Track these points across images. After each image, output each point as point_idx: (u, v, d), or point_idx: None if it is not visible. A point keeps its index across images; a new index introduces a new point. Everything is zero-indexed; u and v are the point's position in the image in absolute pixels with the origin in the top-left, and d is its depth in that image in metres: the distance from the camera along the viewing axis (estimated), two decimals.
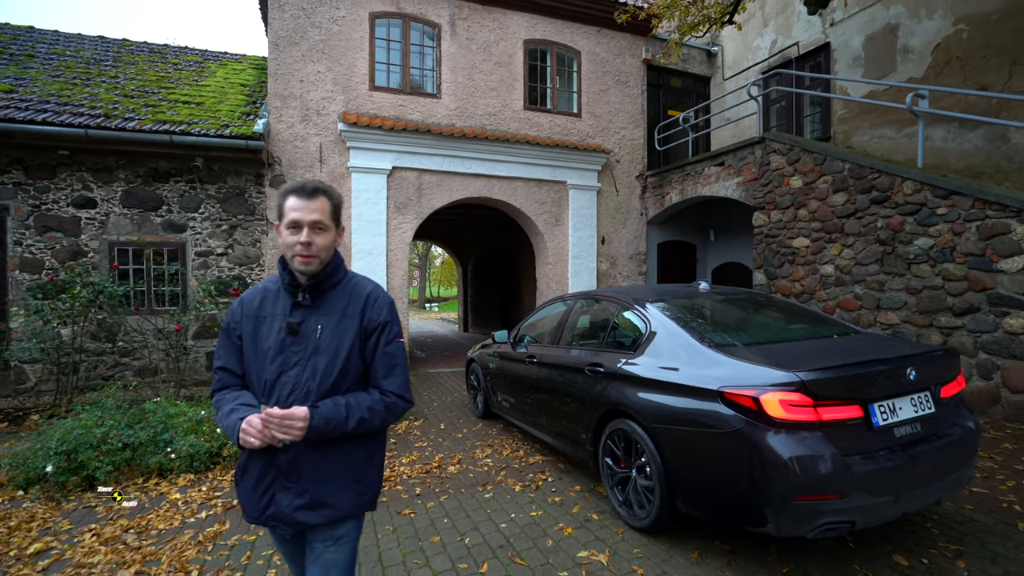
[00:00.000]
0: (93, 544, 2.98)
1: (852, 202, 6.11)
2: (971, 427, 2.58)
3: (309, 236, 1.42)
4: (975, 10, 6.49)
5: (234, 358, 1.52)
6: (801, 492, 2.14)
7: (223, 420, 1.41)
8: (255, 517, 1.48)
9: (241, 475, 1.49)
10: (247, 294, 1.56)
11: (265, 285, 1.57)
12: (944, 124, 6.66)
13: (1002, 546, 2.60)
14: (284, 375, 1.45)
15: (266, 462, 1.44)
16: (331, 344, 1.47)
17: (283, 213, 1.46)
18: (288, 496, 1.44)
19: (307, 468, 1.44)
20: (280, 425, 1.32)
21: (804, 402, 2.21)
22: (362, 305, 1.52)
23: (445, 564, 2.66)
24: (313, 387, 1.44)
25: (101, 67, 8.09)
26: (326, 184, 1.49)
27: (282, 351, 1.46)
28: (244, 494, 1.49)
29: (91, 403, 4.60)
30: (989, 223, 4.91)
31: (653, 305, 3.24)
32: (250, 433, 1.32)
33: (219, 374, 1.52)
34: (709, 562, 2.58)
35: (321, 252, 1.45)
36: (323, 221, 1.45)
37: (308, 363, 1.45)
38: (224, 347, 1.54)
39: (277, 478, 1.44)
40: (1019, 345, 4.68)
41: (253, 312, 1.52)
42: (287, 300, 1.50)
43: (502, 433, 5.01)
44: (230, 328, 1.54)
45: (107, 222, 6.73)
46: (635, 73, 9.87)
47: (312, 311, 1.49)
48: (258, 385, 1.48)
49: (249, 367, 1.50)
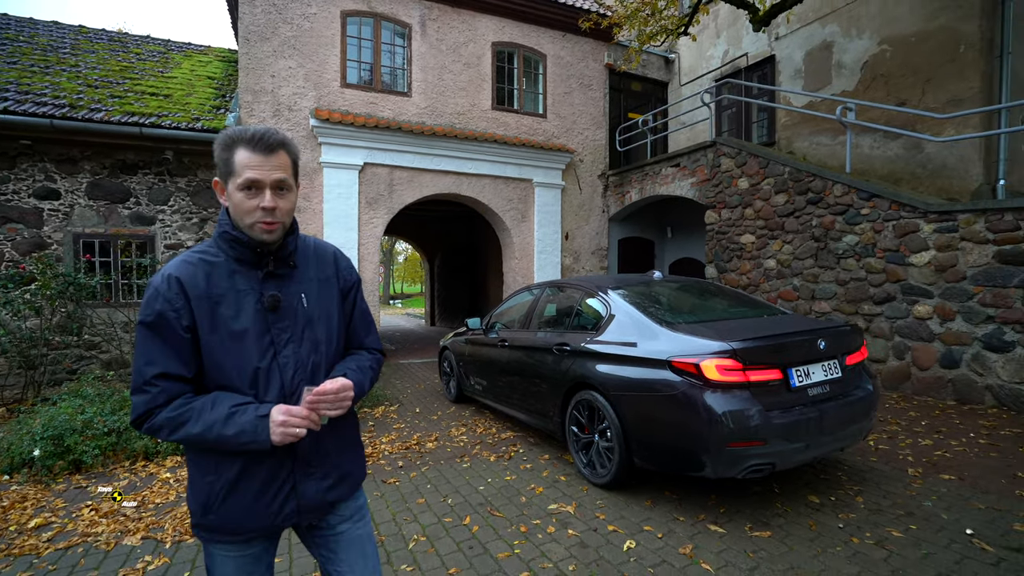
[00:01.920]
0: (93, 518, 3.15)
1: (791, 202, 6.76)
2: (870, 389, 3.13)
3: (273, 200, 1.19)
4: (896, 32, 7.27)
5: (178, 359, 1.17)
6: (732, 440, 2.60)
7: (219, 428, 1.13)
8: (266, 526, 1.26)
9: (228, 491, 1.22)
10: (179, 270, 1.20)
11: (199, 258, 1.23)
12: (871, 134, 7.42)
13: (894, 487, 3.17)
14: (280, 356, 1.24)
15: (280, 457, 1.24)
16: (322, 312, 1.33)
17: (232, 169, 1.17)
18: (314, 481, 1.30)
19: (331, 446, 1.33)
20: (335, 400, 1.20)
21: (735, 367, 2.68)
22: (333, 267, 1.40)
23: (431, 519, 3.00)
24: (319, 361, 1.31)
25: (59, 55, 7.91)
26: (283, 133, 1.24)
27: (267, 330, 1.23)
28: (243, 508, 1.23)
29: (69, 392, 4.67)
30: (903, 222, 5.61)
31: (613, 291, 3.67)
32: (294, 424, 1.15)
33: (159, 384, 1.15)
34: (660, 507, 3.02)
35: (284, 216, 1.23)
36: (287, 179, 1.22)
37: (304, 337, 1.28)
38: (158, 347, 1.16)
39: (296, 468, 1.27)
40: (925, 329, 5.39)
41: (202, 291, 1.19)
42: (249, 272, 1.25)
43: (475, 414, 5.37)
44: (167, 319, 1.16)
45: (71, 214, 6.65)
46: (598, 77, 10.36)
47: (287, 280, 1.29)
48: (240, 378, 1.21)
49: (217, 360, 1.20)
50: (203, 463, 1.24)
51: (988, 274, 4.94)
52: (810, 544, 2.55)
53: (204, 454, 1.24)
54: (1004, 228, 4.85)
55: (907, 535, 2.59)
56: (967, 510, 2.84)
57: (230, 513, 1.22)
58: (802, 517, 2.82)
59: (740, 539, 2.61)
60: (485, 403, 5.19)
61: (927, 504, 2.92)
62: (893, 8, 7.31)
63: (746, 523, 2.78)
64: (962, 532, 2.60)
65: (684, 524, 2.80)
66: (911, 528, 2.66)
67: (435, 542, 2.73)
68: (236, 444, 1.15)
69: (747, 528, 2.72)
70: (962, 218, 5.14)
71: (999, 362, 4.85)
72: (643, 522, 2.84)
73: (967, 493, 3.06)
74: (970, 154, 6.51)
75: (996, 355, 4.87)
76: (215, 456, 1.22)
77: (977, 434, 4.11)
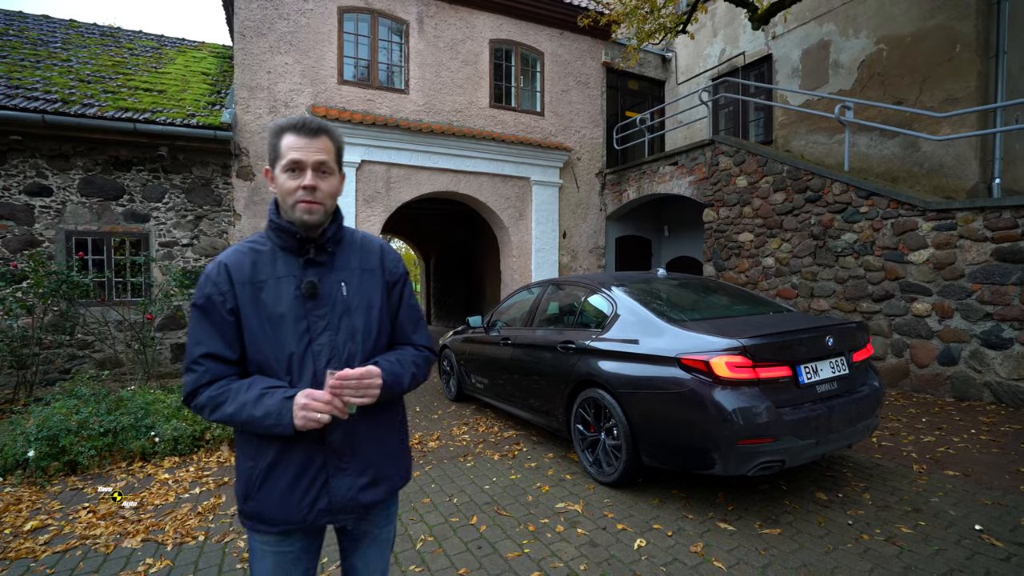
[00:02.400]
0: (90, 520, 3.08)
1: (790, 201, 6.78)
2: (876, 385, 3.13)
3: (314, 179, 1.23)
4: (893, 32, 7.31)
5: (223, 340, 1.23)
6: (742, 437, 2.58)
7: (249, 409, 1.17)
8: (299, 520, 1.24)
9: (264, 477, 1.23)
10: (229, 259, 1.27)
11: (249, 247, 1.29)
12: (867, 133, 7.47)
13: (899, 483, 3.18)
14: (315, 343, 1.25)
15: (311, 447, 1.24)
16: (361, 302, 1.32)
17: (279, 153, 1.24)
18: (347, 478, 1.27)
19: (365, 441, 1.30)
20: (358, 387, 1.18)
21: (745, 364, 2.66)
22: (379, 258, 1.39)
23: (438, 519, 2.97)
24: (355, 350, 1.29)
25: (50, 49, 7.77)
26: (326, 122, 1.29)
27: (304, 316, 1.25)
28: (276, 497, 1.23)
29: (63, 392, 4.59)
30: (901, 220, 5.64)
31: (618, 288, 3.65)
32: (315, 408, 1.14)
33: (204, 363, 1.21)
34: (668, 506, 3.01)
35: (326, 199, 1.26)
36: (328, 162, 1.26)
37: (341, 325, 1.28)
38: (206, 329, 1.23)
39: (328, 462, 1.25)
40: (924, 326, 5.43)
41: (247, 278, 1.24)
42: (291, 259, 1.28)
43: (476, 413, 5.33)
44: (214, 303, 1.23)
45: (64, 211, 6.54)
46: (595, 75, 10.34)
47: (328, 268, 1.31)
48: (278, 362, 1.24)
49: (258, 344, 1.24)
50: (246, 447, 1.28)
51: (986, 272, 4.97)
52: (820, 541, 2.54)
53: (247, 438, 1.27)
54: (1002, 226, 4.88)
55: (916, 531, 2.59)
56: (974, 506, 2.85)
57: (265, 501, 1.24)
58: (811, 514, 2.82)
59: (750, 537, 2.60)
60: (486, 402, 5.15)
61: (934, 500, 2.93)
62: (889, 8, 7.35)
63: (755, 520, 2.77)
64: (971, 528, 2.60)
65: (693, 522, 2.79)
66: (920, 524, 2.66)
67: (443, 542, 2.70)
68: (263, 427, 1.17)
69: (757, 526, 2.71)
70: (960, 216, 5.18)
71: (997, 359, 4.89)
72: (652, 520, 2.83)
73: (972, 489, 3.07)
74: (966, 153, 6.56)
75: (994, 352, 4.90)
76: (255, 441, 1.25)
77: (978, 430, 4.14)
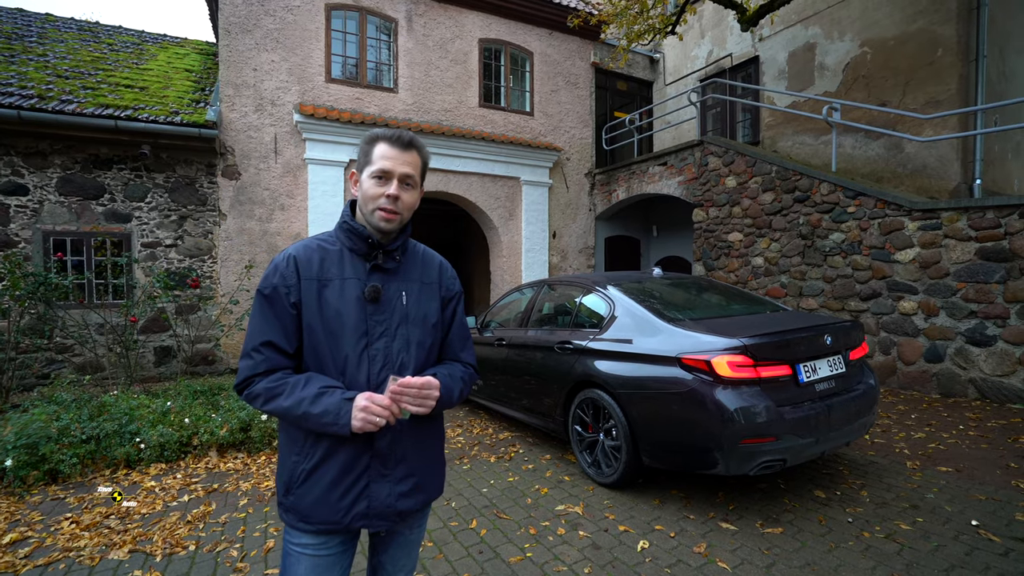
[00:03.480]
0: (74, 531, 2.96)
1: (779, 201, 6.85)
2: (872, 383, 3.16)
3: (398, 190, 1.27)
4: (876, 35, 7.44)
5: (283, 332, 1.24)
6: (744, 436, 2.58)
7: (307, 405, 1.17)
8: (335, 521, 1.25)
9: (309, 474, 1.25)
10: (298, 252, 1.29)
11: (319, 243, 1.33)
12: (853, 134, 7.58)
13: (895, 479, 3.21)
14: (372, 347, 1.27)
15: (358, 450, 1.25)
16: (419, 313, 1.35)
17: (369, 160, 1.29)
18: (387, 484, 1.28)
19: (410, 449, 1.32)
20: (418, 396, 1.20)
21: (747, 363, 2.66)
22: (437, 273, 1.43)
23: (436, 524, 2.91)
24: (408, 360, 1.31)
25: (26, 43, 7.53)
26: (418, 138, 1.33)
27: (364, 320, 1.27)
28: (317, 495, 1.24)
29: (43, 398, 4.43)
30: (888, 220, 5.73)
31: (615, 288, 3.63)
32: (374, 412, 1.16)
33: (264, 352, 1.23)
34: (669, 506, 3.00)
35: (405, 210, 1.30)
36: (414, 176, 1.30)
37: (397, 333, 1.30)
38: (269, 319, 1.24)
39: (371, 466, 1.26)
40: (910, 324, 5.52)
41: (314, 274, 1.27)
42: (358, 262, 1.31)
43: (469, 415, 5.28)
44: (279, 293, 1.24)
45: (41, 210, 6.34)
46: (584, 75, 10.36)
47: (392, 276, 1.34)
48: (333, 362, 1.25)
49: (315, 342, 1.25)
50: (294, 441, 1.28)
51: (970, 270, 5.07)
52: (822, 539, 2.55)
53: (295, 433, 1.28)
54: (985, 226, 4.99)
55: (915, 528, 2.62)
56: (969, 501, 2.89)
57: (306, 497, 1.25)
58: (811, 512, 2.83)
59: (753, 536, 2.60)
60: (480, 403, 5.11)
61: (930, 496, 2.96)
62: (873, 11, 7.48)
63: (757, 520, 2.77)
64: (968, 523, 2.63)
65: (695, 522, 2.78)
66: (918, 521, 2.68)
67: (443, 547, 2.64)
68: (319, 424, 1.18)
69: (758, 525, 2.71)
70: (945, 216, 5.27)
71: (981, 356, 4.98)
72: (653, 521, 2.81)
73: (965, 484, 3.12)
74: (948, 154, 6.70)
75: (979, 349, 5.00)
76: (302, 436, 1.26)
77: (966, 426, 4.21)
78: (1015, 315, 4.77)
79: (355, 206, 1.36)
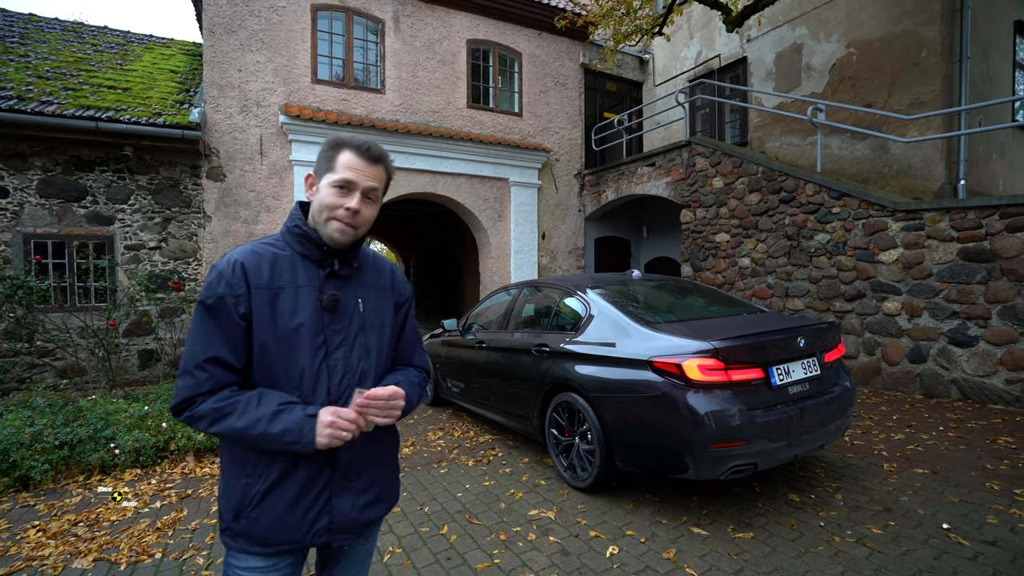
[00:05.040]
0: (40, 539, 2.92)
1: (765, 201, 6.85)
2: (848, 386, 3.14)
3: (359, 204, 1.22)
4: (862, 36, 7.45)
5: (231, 346, 1.15)
6: (715, 440, 2.56)
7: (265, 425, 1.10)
8: (296, 540, 1.19)
9: (264, 495, 1.17)
10: (245, 258, 1.20)
11: (267, 248, 1.24)
12: (839, 135, 7.59)
13: (871, 482, 3.20)
14: (331, 358, 1.22)
15: (319, 465, 1.20)
16: (376, 320, 1.32)
17: (332, 167, 1.22)
18: (350, 497, 1.25)
19: (370, 459, 1.29)
20: (385, 407, 1.17)
21: (717, 366, 2.64)
22: (390, 279, 1.40)
23: (407, 529, 2.88)
24: (368, 368, 1.27)
25: (6, 44, 7.46)
26: (385, 151, 1.29)
27: (321, 330, 1.21)
28: (276, 517, 1.17)
29: (17, 403, 4.38)
30: (872, 221, 5.73)
31: (592, 290, 3.61)
32: (341, 426, 1.12)
33: (209, 369, 1.13)
34: (642, 510, 2.97)
35: (362, 225, 1.25)
36: (378, 191, 1.26)
37: (356, 342, 1.26)
38: (214, 332, 1.14)
39: (333, 480, 1.22)
40: (894, 325, 5.52)
41: (264, 282, 1.18)
42: (311, 269, 1.25)
43: (452, 417, 5.25)
44: (226, 304, 1.14)
45: (21, 213, 6.27)
46: (573, 76, 10.34)
47: (348, 283, 1.29)
48: (287, 376, 1.18)
49: (268, 355, 1.17)
50: (242, 462, 1.20)
51: (953, 271, 5.08)
52: (793, 544, 2.53)
53: (245, 454, 1.20)
54: (967, 226, 4.99)
55: (887, 531, 2.60)
56: (942, 504, 2.88)
57: (261, 520, 1.17)
58: (784, 516, 2.81)
59: (723, 541, 2.58)
60: (463, 406, 5.08)
61: (904, 499, 2.95)
62: (859, 12, 7.49)
63: (729, 524, 2.75)
64: (939, 527, 2.62)
65: (667, 527, 2.75)
66: (890, 524, 2.67)
67: (411, 554, 2.62)
68: (279, 443, 1.12)
69: (730, 529, 2.69)
70: (928, 216, 5.28)
71: (964, 356, 4.99)
72: (625, 526, 2.79)
73: (940, 487, 3.11)
74: (933, 155, 6.71)
75: (961, 349, 5.01)
76: (255, 456, 1.19)
77: (946, 427, 4.20)
78: (996, 316, 4.78)
79: (305, 208, 1.29)
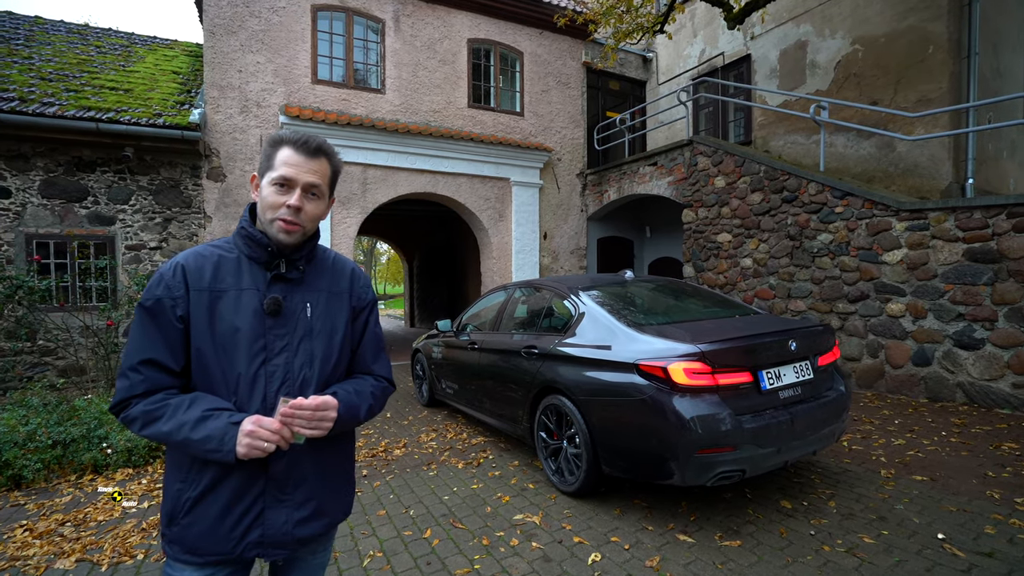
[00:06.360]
0: (26, 539, 2.93)
1: (767, 201, 6.74)
2: (842, 390, 3.06)
3: (300, 200, 1.17)
4: (868, 33, 7.31)
5: (167, 348, 1.13)
6: (701, 446, 2.50)
7: (188, 431, 1.07)
8: (225, 552, 1.14)
9: (195, 503, 1.14)
10: (187, 260, 1.18)
11: (213, 250, 1.22)
12: (844, 133, 7.46)
13: (866, 489, 3.12)
14: (270, 364, 1.17)
15: (251, 475, 1.15)
16: (324, 326, 1.26)
17: (271, 165, 1.18)
18: (283, 511, 1.18)
19: (310, 473, 1.22)
20: (311, 418, 1.10)
21: (704, 370, 2.58)
22: (349, 282, 1.34)
23: (391, 533, 2.85)
24: (311, 376, 1.22)
25: (11, 46, 7.54)
26: (328, 144, 1.24)
27: (262, 335, 1.17)
28: (204, 526, 1.13)
29: (14, 403, 4.41)
30: (875, 221, 5.61)
31: (583, 292, 3.55)
32: (262, 436, 1.06)
33: (143, 371, 1.11)
34: (629, 516, 2.92)
35: (308, 222, 1.20)
36: (320, 186, 1.21)
37: (300, 348, 1.21)
38: (151, 334, 1.13)
39: (266, 491, 1.17)
40: (898, 327, 5.40)
41: (205, 285, 1.16)
42: (257, 271, 1.20)
43: (446, 419, 5.22)
44: (163, 306, 1.13)
45: (23, 213, 6.33)
46: (575, 75, 10.28)
47: (295, 286, 1.24)
48: (224, 380, 1.15)
49: (205, 358, 1.14)
50: (178, 467, 1.18)
51: (958, 272, 4.96)
52: (780, 553, 2.46)
53: (180, 458, 1.17)
54: (973, 226, 4.87)
55: (879, 541, 2.52)
56: (939, 513, 2.79)
57: (191, 528, 1.14)
58: (773, 524, 2.74)
59: (709, 549, 2.52)
60: (457, 407, 5.04)
61: (899, 507, 2.87)
62: (864, 8, 7.35)
63: (716, 532, 2.68)
64: (934, 537, 2.54)
65: (652, 534, 2.70)
66: (883, 534, 2.59)
67: (392, 558, 2.58)
68: (202, 451, 1.09)
69: (717, 537, 2.63)
70: (933, 216, 5.16)
71: (969, 359, 4.87)
72: (610, 532, 2.73)
73: (938, 495, 3.02)
74: (940, 153, 6.57)
75: (966, 352, 4.89)
76: (189, 462, 1.16)
77: (949, 432, 4.10)
78: (1003, 318, 4.66)
79: (255, 209, 1.25)
